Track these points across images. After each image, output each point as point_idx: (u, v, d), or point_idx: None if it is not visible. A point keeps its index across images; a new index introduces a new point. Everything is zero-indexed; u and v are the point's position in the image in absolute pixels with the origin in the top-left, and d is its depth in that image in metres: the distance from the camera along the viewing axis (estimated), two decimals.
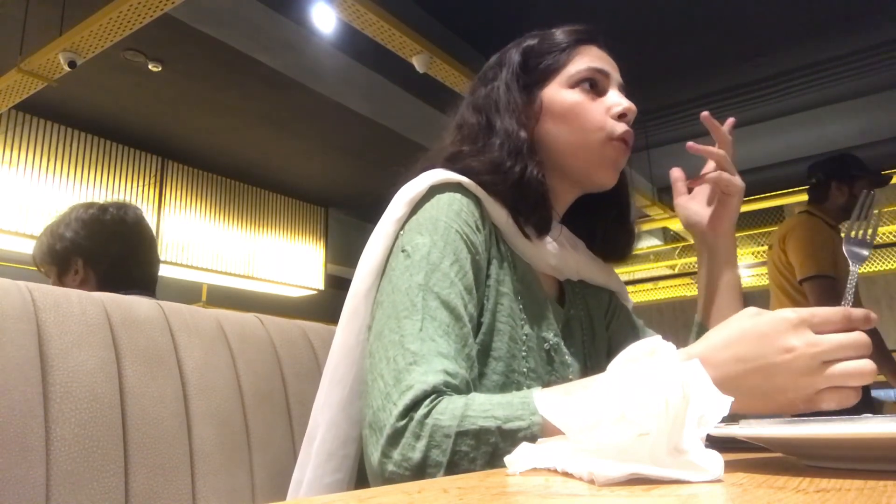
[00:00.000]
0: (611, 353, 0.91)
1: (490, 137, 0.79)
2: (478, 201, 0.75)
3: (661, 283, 7.66)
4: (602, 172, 0.81)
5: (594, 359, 0.86)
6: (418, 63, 3.30)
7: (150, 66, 3.85)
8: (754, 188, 5.52)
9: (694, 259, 7.49)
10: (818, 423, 0.48)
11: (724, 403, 0.40)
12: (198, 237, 5.17)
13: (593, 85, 0.81)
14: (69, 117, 4.42)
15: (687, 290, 7.61)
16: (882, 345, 2.25)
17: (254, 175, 5.54)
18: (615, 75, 0.83)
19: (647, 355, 0.41)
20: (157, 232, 4.89)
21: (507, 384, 0.71)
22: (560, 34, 0.84)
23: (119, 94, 4.18)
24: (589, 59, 0.82)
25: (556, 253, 0.81)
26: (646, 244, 7.45)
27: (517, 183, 0.76)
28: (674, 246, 7.38)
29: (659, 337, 0.43)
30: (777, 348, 0.52)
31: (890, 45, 4.25)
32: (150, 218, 4.85)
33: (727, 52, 4.31)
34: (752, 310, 0.58)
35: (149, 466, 0.70)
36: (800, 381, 0.52)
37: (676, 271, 7.55)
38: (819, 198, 2.48)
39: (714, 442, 0.41)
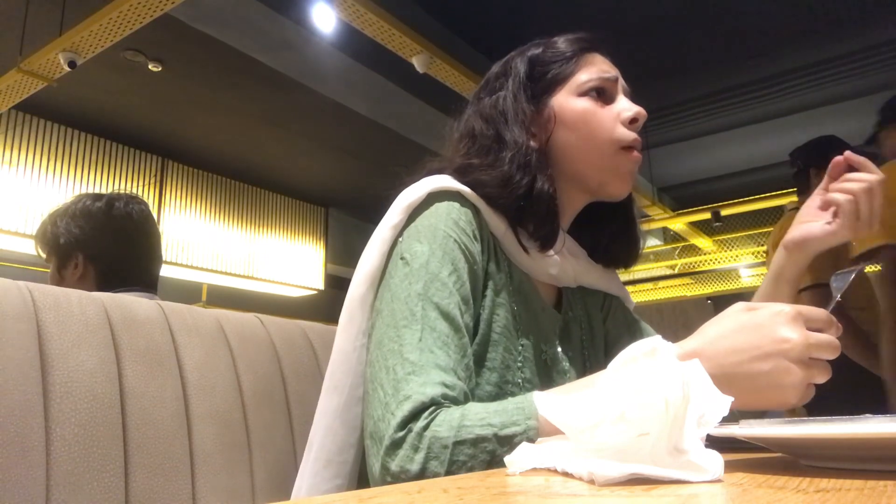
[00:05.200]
0: (608, 349, 0.90)
1: (500, 150, 0.78)
2: (476, 211, 0.74)
3: (662, 283, 7.65)
4: (616, 183, 0.80)
5: (593, 359, 0.86)
6: (418, 63, 3.30)
7: (150, 66, 3.84)
8: (754, 188, 5.52)
9: (694, 259, 7.50)
10: (818, 423, 0.48)
11: (724, 403, 0.40)
12: (198, 237, 5.16)
13: (601, 92, 0.80)
14: (69, 117, 4.41)
15: (687, 290, 7.60)
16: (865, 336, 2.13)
17: (254, 175, 5.53)
18: (622, 81, 0.82)
19: (646, 355, 0.41)
20: None
21: (501, 395, 0.70)
22: (564, 42, 0.83)
23: (119, 94, 4.17)
24: (596, 67, 0.81)
25: (556, 263, 0.80)
26: (646, 244, 7.45)
27: (525, 197, 0.75)
28: (674, 246, 7.37)
29: (659, 337, 0.43)
30: (774, 338, 0.53)
31: (890, 44, 4.25)
32: None
33: (727, 52, 4.31)
34: (740, 305, 0.58)
35: (149, 466, 0.70)
36: (793, 372, 0.52)
37: (676, 271, 7.55)
38: (802, 188, 2.29)
39: (714, 442, 0.41)
